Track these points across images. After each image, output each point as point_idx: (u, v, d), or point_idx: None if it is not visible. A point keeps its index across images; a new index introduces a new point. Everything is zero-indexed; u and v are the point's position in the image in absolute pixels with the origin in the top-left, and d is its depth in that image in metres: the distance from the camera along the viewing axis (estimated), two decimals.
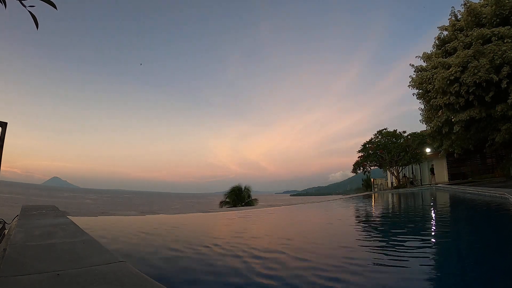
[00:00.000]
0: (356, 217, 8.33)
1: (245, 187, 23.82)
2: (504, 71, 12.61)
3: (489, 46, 13.20)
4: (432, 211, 8.95)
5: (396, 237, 4.99)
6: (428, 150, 23.31)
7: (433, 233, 5.26)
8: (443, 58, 15.53)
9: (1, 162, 4.58)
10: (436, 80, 14.97)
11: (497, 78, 12.77)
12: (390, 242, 4.48)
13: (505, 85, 12.71)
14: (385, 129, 24.02)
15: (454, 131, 15.53)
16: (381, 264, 3.22)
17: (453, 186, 15.51)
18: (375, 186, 25.22)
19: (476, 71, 13.17)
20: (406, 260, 3.38)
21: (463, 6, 15.71)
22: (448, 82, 14.37)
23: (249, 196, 23.59)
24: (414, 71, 17.49)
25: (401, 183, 23.31)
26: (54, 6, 1.81)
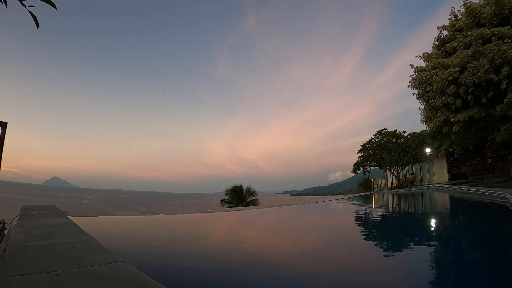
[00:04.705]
0: (368, 219, 8.34)
1: (246, 187, 23.84)
2: (504, 71, 12.60)
3: (488, 46, 13.19)
4: (433, 212, 8.95)
5: (397, 236, 4.99)
6: (428, 150, 23.32)
7: (434, 234, 5.26)
8: (442, 58, 15.52)
9: (1, 162, 4.58)
10: (435, 81, 14.97)
11: (497, 78, 12.76)
12: (394, 242, 4.48)
13: (505, 85, 12.70)
14: (385, 129, 24.03)
15: (454, 131, 15.52)
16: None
17: (453, 186, 15.50)
18: (375, 186, 25.22)
19: (475, 71, 13.17)
20: (405, 260, 3.38)
21: (462, 6, 15.72)
22: (447, 82, 14.37)
23: (252, 194, 23.60)
24: (414, 71, 17.48)
25: (401, 183, 23.31)
26: (54, 6, 1.81)
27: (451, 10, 16.88)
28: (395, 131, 23.55)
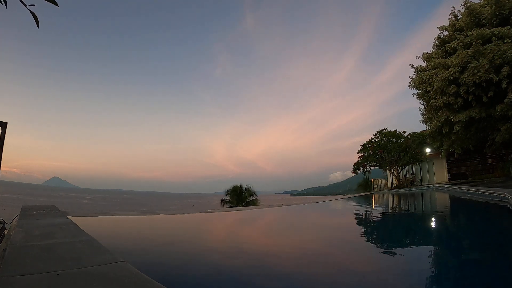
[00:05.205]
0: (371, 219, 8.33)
1: (246, 187, 23.87)
2: (504, 71, 12.60)
3: (489, 46, 13.19)
4: (433, 212, 8.95)
5: (397, 237, 4.99)
6: (428, 150, 23.33)
7: (434, 234, 5.26)
8: (443, 58, 15.52)
9: (1, 162, 4.58)
10: (435, 81, 14.98)
11: (497, 78, 12.76)
12: (394, 242, 4.48)
13: (505, 85, 12.71)
14: (385, 129, 24.05)
15: (454, 131, 15.52)
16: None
17: (453, 186, 15.51)
18: (375, 186, 25.23)
19: (475, 71, 13.17)
20: (405, 260, 3.38)
21: (463, 6, 15.72)
22: (447, 82, 14.37)
23: (252, 194, 23.65)
24: (414, 71, 17.49)
25: (401, 183, 23.31)
26: (56, 4, 1.81)
27: (451, 10, 16.89)
28: (395, 131, 23.57)
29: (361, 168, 24.96)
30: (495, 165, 20.75)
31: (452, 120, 15.08)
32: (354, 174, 26.30)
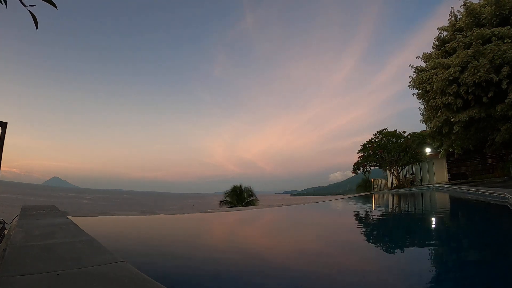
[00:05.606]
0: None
1: (245, 187, 23.88)
2: (504, 71, 12.62)
3: (489, 46, 13.20)
4: (433, 212, 8.95)
5: (397, 236, 4.98)
6: (428, 150, 23.34)
7: (434, 234, 5.26)
8: (442, 58, 15.54)
9: (1, 162, 4.58)
10: (435, 81, 14.99)
11: (497, 78, 12.77)
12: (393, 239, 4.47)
13: (505, 85, 12.71)
14: (385, 129, 24.04)
15: (454, 131, 15.54)
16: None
17: (453, 186, 15.50)
18: (375, 186, 25.22)
19: (476, 71, 13.18)
20: (405, 260, 3.38)
21: (462, 7, 15.73)
22: (447, 82, 14.38)
23: (251, 195, 23.67)
24: (414, 72, 17.50)
25: (401, 183, 23.31)
26: (55, 6, 1.81)
27: (451, 11, 16.90)
28: (395, 131, 23.56)
29: (361, 168, 24.95)
30: (495, 165, 20.76)
31: (452, 120, 15.09)
32: (354, 174, 26.28)
